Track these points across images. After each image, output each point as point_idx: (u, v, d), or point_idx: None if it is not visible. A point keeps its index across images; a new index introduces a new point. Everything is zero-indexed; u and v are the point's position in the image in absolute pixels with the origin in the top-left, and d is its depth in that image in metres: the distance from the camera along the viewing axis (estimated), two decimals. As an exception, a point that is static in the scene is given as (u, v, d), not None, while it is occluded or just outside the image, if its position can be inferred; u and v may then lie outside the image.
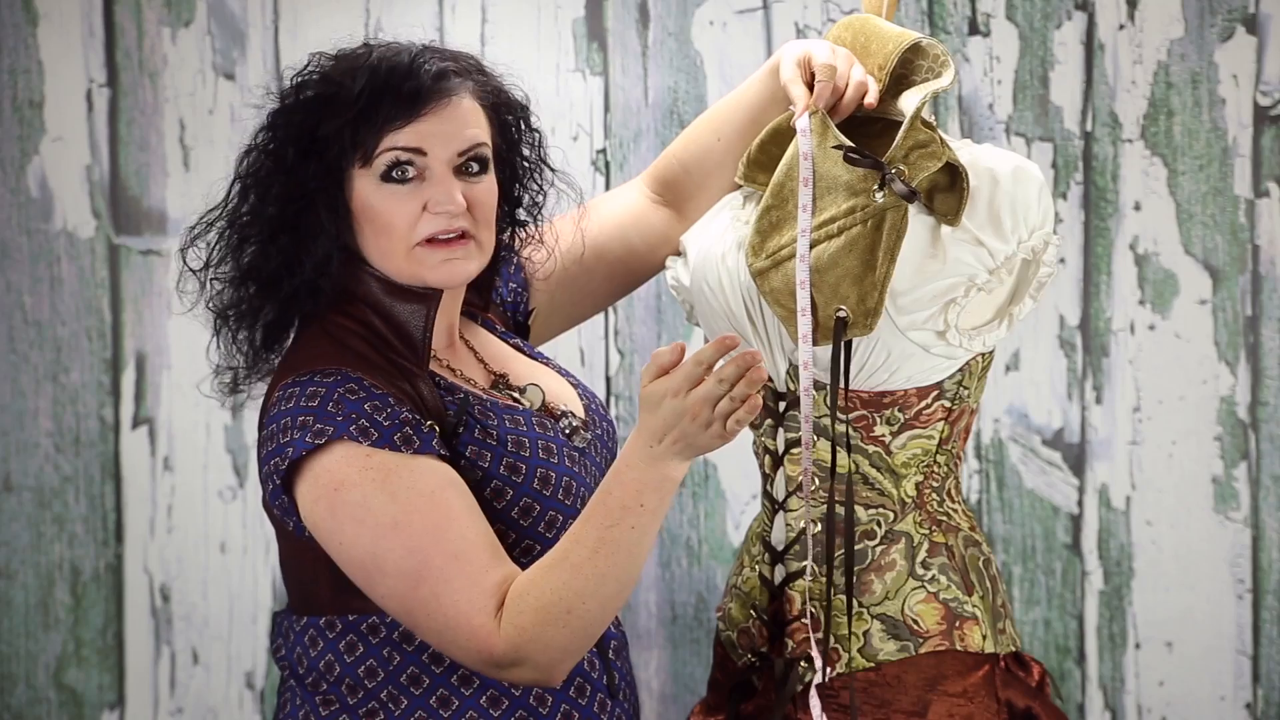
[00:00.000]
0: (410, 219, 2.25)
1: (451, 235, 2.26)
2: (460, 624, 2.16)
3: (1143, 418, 3.22)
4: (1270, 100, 3.16)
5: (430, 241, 2.25)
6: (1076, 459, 3.25)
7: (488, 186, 2.29)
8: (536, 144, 2.39)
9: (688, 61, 3.27)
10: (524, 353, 2.48)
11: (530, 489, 2.27)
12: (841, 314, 2.26)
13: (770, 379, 2.39)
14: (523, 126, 2.37)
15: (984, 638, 2.37)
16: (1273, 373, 3.19)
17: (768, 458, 2.43)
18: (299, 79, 2.28)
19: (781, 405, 2.39)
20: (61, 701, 3.47)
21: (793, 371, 2.37)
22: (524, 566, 2.20)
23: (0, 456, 3.45)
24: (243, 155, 2.30)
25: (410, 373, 2.26)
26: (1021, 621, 3.26)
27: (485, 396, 2.31)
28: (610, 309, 3.27)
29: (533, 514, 2.27)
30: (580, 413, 2.40)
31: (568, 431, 2.35)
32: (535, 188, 2.41)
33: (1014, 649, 2.43)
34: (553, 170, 2.41)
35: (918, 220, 2.29)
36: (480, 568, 2.16)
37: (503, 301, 2.52)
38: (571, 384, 2.46)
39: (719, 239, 2.43)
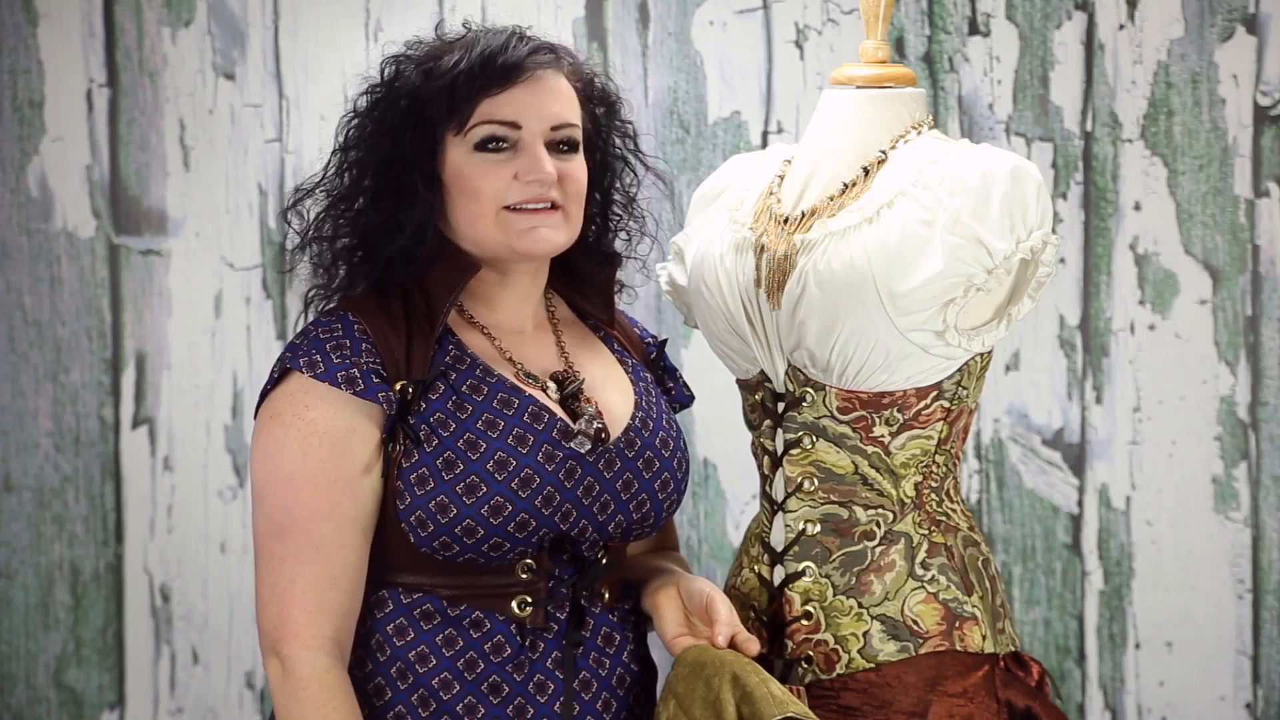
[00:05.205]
0: (500, 185, 2.25)
1: (541, 205, 2.26)
2: (279, 605, 2.18)
3: (1143, 418, 3.22)
4: (1270, 100, 3.16)
5: (519, 209, 2.25)
6: (1076, 459, 3.24)
7: (579, 164, 2.29)
8: (628, 135, 2.38)
9: (688, 61, 3.27)
10: (629, 375, 2.38)
11: (482, 469, 2.22)
12: None
13: (769, 379, 2.39)
14: (614, 117, 2.37)
15: (984, 638, 2.37)
16: (1273, 373, 3.19)
17: (766, 458, 2.43)
18: (402, 54, 2.30)
19: (780, 406, 2.39)
20: (61, 701, 3.48)
21: (792, 372, 2.37)
22: (450, 556, 2.21)
23: (0, 456, 3.45)
24: (343, 124, 2.31)
25: (421, 331, 2.26)
26: (1021, 621, 3.26)
27: (494, 375, 2.27)
28: (610, 309, 3.26)
29: (477, 494, 2.21)
30: (616, 430, 2.31)
31: (562, 431, 2.27)
32: (628, 180, 2.39)
33: (1014, 649, 2.43)
34: (645, 165, 2.40)
35: (915, 220, 2.29)
36: (327, 580, 2.19)
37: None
38: (650, 418, 2.35)
39: (716, 239, 2.42)
